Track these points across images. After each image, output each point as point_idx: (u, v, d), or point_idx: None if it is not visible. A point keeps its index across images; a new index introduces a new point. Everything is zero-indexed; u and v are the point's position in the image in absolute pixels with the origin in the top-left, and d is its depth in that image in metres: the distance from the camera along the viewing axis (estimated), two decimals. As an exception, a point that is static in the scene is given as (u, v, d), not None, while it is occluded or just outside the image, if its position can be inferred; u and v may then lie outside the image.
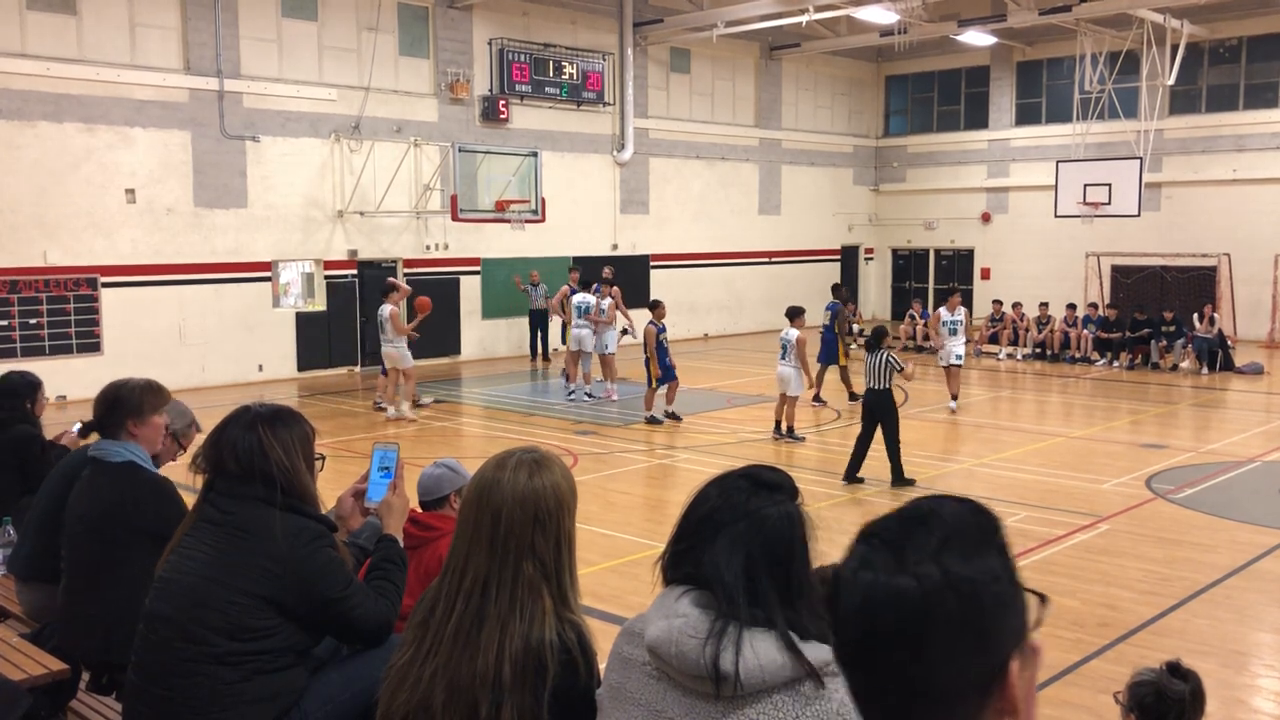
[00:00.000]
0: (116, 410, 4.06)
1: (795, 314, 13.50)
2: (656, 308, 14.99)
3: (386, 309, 15.04)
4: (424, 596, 2.43)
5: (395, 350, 14.99)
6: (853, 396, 15.91)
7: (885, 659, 1.25)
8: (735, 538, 1.94)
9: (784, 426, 13.44)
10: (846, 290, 20.63)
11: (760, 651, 1.85)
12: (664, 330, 14.77)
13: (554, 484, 2.38)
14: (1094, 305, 23.13)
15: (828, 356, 16.79)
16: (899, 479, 10.88)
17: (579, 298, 16.63)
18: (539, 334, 21.70)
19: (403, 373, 15.09)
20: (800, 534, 1.97)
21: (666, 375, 14.67)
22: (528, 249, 22.31)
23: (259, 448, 2.96)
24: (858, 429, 11.20)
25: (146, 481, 4.00)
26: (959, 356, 15.88)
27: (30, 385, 6.03)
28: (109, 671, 4.09)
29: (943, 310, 16.56)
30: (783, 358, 13.28)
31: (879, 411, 10.91)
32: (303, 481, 3.02)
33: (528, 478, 2.36)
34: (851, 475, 11.06)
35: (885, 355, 10.95)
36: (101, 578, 3.94)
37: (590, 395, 16.68)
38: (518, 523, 2.32)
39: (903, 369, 11.02)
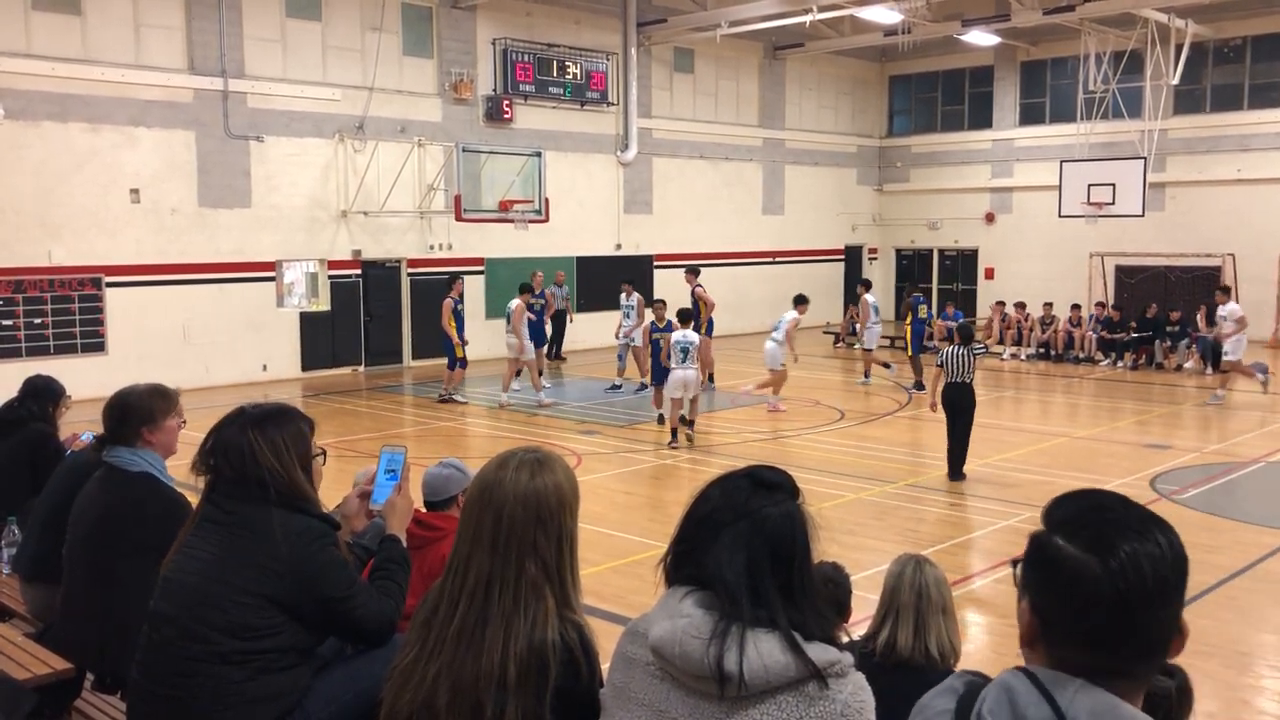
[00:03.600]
0: (129, 420, 4.04)
1: (689, 317, 14.02)
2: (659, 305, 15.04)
3: (515, 302, 16.30)
4: (427, 596, 2.43)
5: (515, 340, 16.04)
6: (919, 385, 17.55)
7: (1143, 617, 1.53)
8: (736, 538, 1.95)
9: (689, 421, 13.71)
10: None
11: (764, 652, 1.86)
12: (661, 330, 14.52)
13: (556, 484, 2.38)
14: (1101, 304, 23.11)
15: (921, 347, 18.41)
16: (957, 471, 11.25)
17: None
18: (554, 335, 21.66)
19: (526, 363, 16.26)
20: (802, 533, 1.98)
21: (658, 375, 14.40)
22: (531, 249, 22.31)
23: (248, 451, 2.95)
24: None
25: (163, 495, 3.99)
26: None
27: (55, 392, 6.08)
28: (108, 674, 4.09)
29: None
30: (683, 361, 13.09)
31: (960, 405, 11.18)
32: (297, 483, 3.00)
33: (529, 477, 2.36)
34: (957, 470, 11.36)
35: (969, 349, 11.29)
36: (101, 582, 3.93)
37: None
38: (519, 522, 2.31)
39: (985, 351, 11.63)
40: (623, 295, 18.34)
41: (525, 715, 2.21)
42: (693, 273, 18.54)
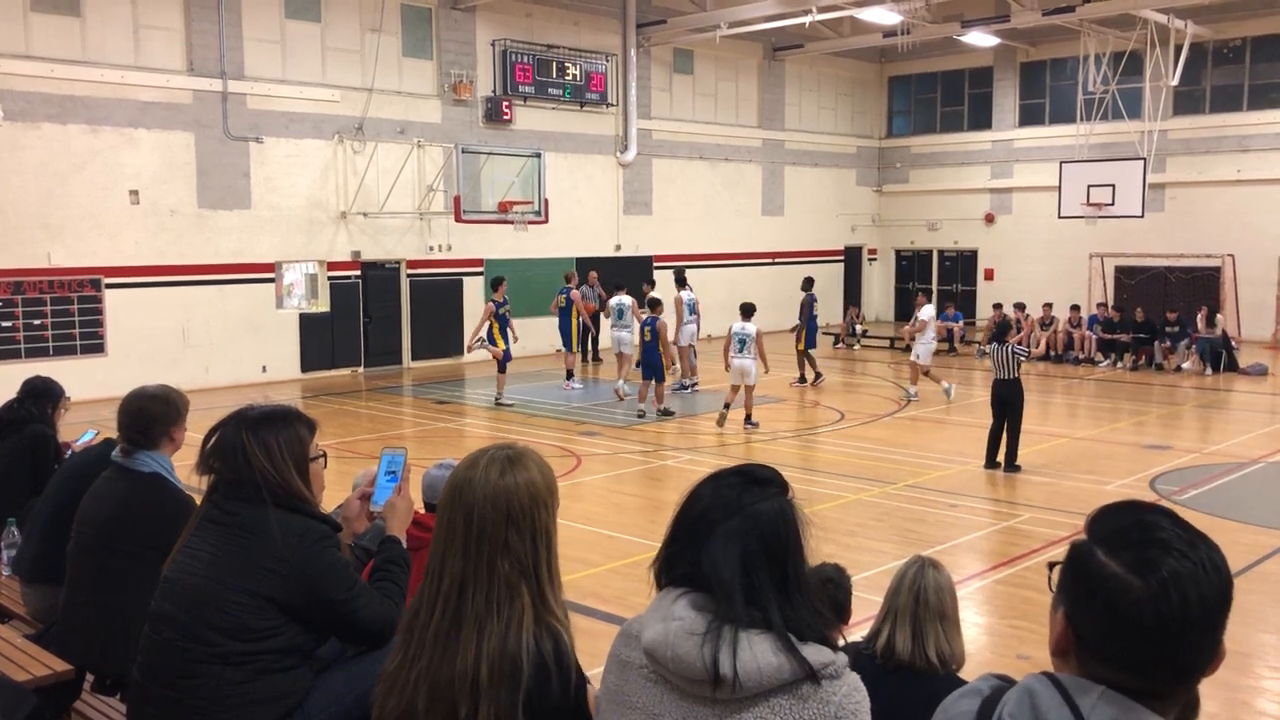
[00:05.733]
0: (158, 423, 4.07)
1: (750, 310, 14.84)
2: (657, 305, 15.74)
3: (628, 299, 17.70)
4: (411, 601, 2.43)
5: (630, 335, 17.19)
6: (802, 380, 18.49)
7: (1183, 642, 1.48)
8: (730, 534, 1.93)
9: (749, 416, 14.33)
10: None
11: (758, 653, 1.85)
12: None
13: (528, 480, 2.32)
14: (1101, 305, 23.12)
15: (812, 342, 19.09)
16: (1011, 464, 11.62)
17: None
18: (590, 336, 21.68)
19: (629, 358, 17.21)
20: (794, 528, 1.97)
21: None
22: (531, 250, 22.32)
23: (241, 453, 2.95)
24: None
25: (173, 496, 4.00)
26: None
27: (54, 393, 6.08)
28: (108, 675, 4.09)
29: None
30: (740, 351, 14.21)
31: (1008, 400, 11.59)
32: (292, 485, 2.99)
33: (499, 475, 2.31)
34: (991, 461, 11.75)
35: (1011, 347, 11.61)
36: (105, 582, 3.93)
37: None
38: (490, 521, 2.27)
39: (1029, 356, 12.17)
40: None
41: (499, 717, 2.19)
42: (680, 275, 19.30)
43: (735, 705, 1.88)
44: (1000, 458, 11.73)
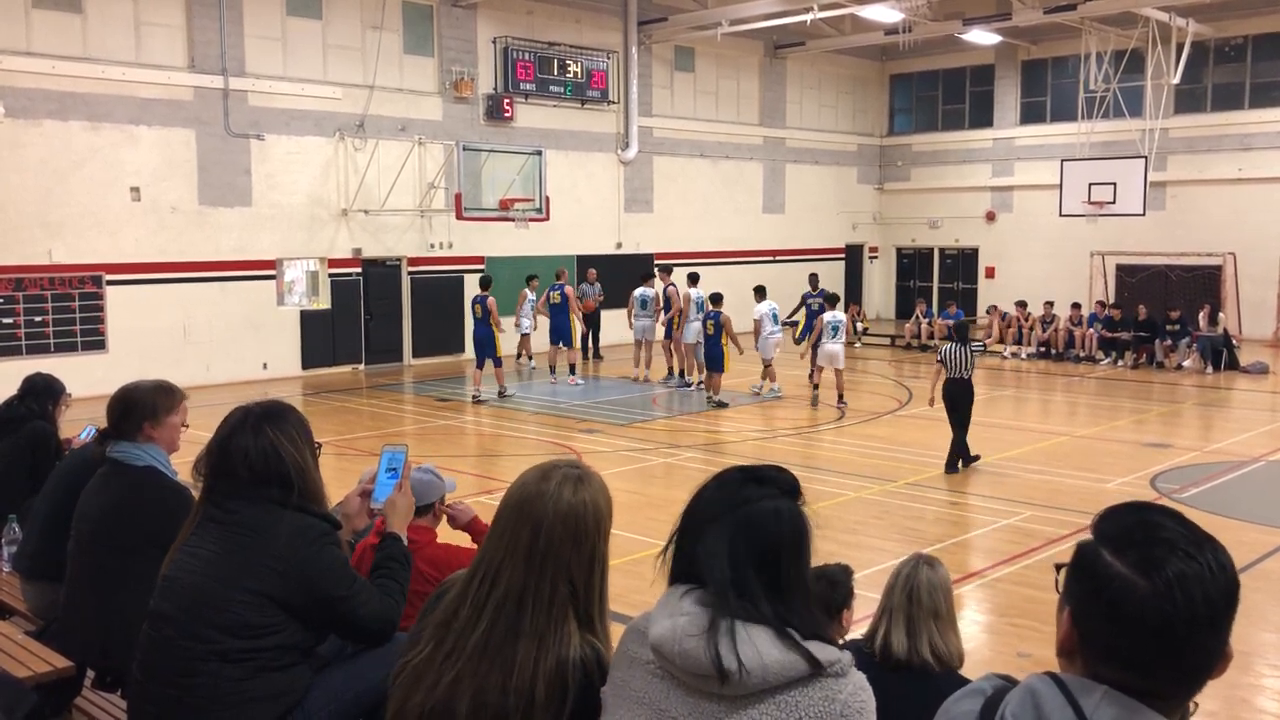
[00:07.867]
0: (131, 414, 4.04)
1: (837, 300, 16.32)
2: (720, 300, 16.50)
3: (651, 291, 18.63)
4: (443, 597, 2.40)
5: (653, 323, 18.32)
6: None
7: (1187, 643, 1.48)
8: (722, 531, 1.95)
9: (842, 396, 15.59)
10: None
11: (760, 646, 1.86)
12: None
13: (594, 501, 2.36)
14: (1101, 303, 23.11)
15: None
16: (968, 458, 11.73)
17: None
18: (591, 333, 21.72)
19: (650, 345, 18.52)
20: (790, 529, 1.96)
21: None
22: (532, 248, 22.31)
23: (273, 451, 2.96)
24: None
25: (168, 488, 3.99)
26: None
27: (55, 390, 6.08)
28: (109, 672, 4.09)
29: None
30: (834, 337, 15.46)
31: (959, 399, 11.68)
32: (313, 477, 3.04)
33: (571, 493, 2.33)
34: (966, 459, 11.78)
35: (968, 347, 11.68)
36: (105, 578, 3.93)
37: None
38: (557, 539, 2.29)
39: (984, 349, 12.35)
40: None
41: None
42: (665, 271, 19.31)
43: (742, 701, 1.88)
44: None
